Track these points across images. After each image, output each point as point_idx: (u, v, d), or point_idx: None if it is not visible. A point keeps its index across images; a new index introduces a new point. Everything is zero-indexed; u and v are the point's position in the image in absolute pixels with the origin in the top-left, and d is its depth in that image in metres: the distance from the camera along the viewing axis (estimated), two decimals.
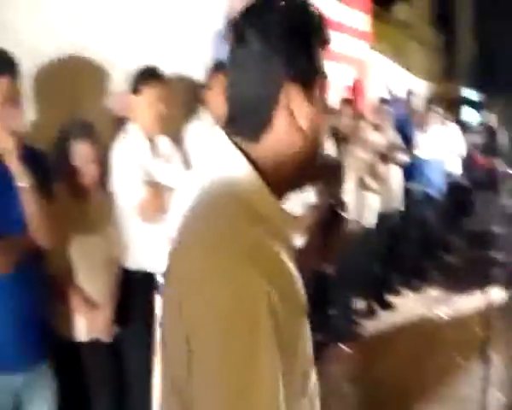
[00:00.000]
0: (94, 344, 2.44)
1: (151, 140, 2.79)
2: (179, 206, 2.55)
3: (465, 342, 4.27)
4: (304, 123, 0.98)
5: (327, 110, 1.06)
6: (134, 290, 2.67)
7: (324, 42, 1.01)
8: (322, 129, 1.04)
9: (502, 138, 7.25)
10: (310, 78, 0.98)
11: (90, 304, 2.42)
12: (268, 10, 0.97)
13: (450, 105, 8.86)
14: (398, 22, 11.82)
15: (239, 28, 0.98)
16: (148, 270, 2.70)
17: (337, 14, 5.71)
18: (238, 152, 0.97)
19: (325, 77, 1.02)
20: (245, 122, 0.99)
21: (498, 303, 3.81)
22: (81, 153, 2.41)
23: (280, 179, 0.99)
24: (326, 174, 1.27)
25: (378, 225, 5.04)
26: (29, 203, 2.00)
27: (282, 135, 0.97)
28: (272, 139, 0.98)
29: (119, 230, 2.63)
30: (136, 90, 2.75)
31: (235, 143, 0.99)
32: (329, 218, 1.28)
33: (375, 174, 4.90)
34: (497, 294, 3.69)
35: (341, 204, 1.28)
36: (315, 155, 1.03)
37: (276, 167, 0.98)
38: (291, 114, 0.97)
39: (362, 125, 4.91)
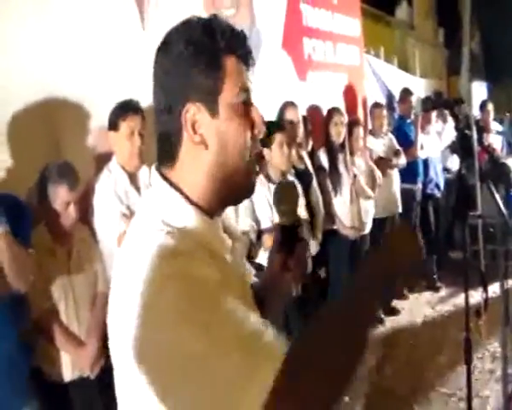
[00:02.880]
0: (81, 382, 2.50)
1: (131, 173, 2.85)
2: None
3: None
4: (214, 141, 0.99)
5: (257, 125, 1.05)
6: None
7: (241, 57, 1.02)
8: (244, 144, 1.03)
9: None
10: (213, 92, 0.99)
11: (74, 341, 2.48)
12: (172, 33, 1.01)
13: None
14: (401, 23, 11.84)
15: (154, 60, 1.03)
16: None
17: (327, 23, 5.75)
18: (165, 183, 1.00)
19: (246, 92, 1.02)
20: (159, 147, 1.03)
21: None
22: (59, 195, 2.45)
23: (204, 198, 1.01)
24: (279, 194, 1.27)
25: (377, 230, 5.05)
26: (1, 250, 2.07)
27: (193, 156, 1.00)
28: (185, 162, 1.00)
29: (102, 264, 2.69)
30: (113, 125, 2.81)
31: (163, 175, 1.02)
32: (288, 239, 1.23)
33: (372, 181, 4.90)
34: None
35: (298, 224, 1.25)
36: (242, 170, 1.03)
37: (193, 190, 1.00)
38: (197, 133, 0.99)
39: (356, 132, 4.91)
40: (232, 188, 1.04)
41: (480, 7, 13.97)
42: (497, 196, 2.46)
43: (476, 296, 3.38)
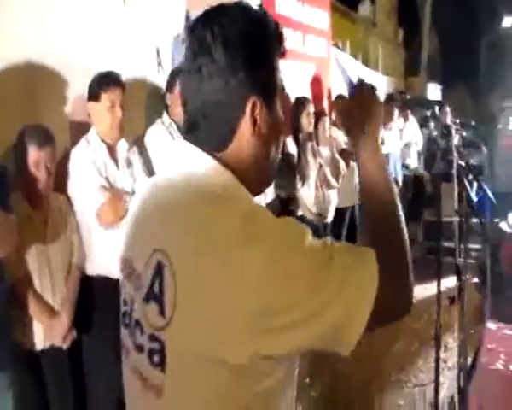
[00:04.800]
0: (53, 351, 2.47)
1: (110, 145, 2.82)
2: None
3: (422, 329, 4.43)
4: (266, 132, 1.03)
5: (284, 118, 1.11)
6: (94, 296, 2.71)
7: (283, 53, 1.06)
8: (283, 136, 1.10)
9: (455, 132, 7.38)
10: (271, 89, 1.04)
11: (48, 311, 2.45)
12: (231, 21, 0.99)
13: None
14: (364, 19, 12.03)
15: (202, 37, 0.99)
16: (109, 275, 2.74)
17: (297, 13, 5.80)
18: (213, 160, 1.00)
19: (283, 87, 1.08)
20: (210, 131, 1.01)
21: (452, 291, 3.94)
22: (34, 158, 2.41)
23: (245, 185, 1.02)
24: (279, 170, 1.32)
25: (338, 219, 5.16)
26: None
27: (246, 144, 1.02)
28: (236, 148, 1.01)
29: (78, 235, 2.66)
30: (94, 96, 2.77)
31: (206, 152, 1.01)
32: (280, 211, 1.28)
33: (336, 171, 5.00)
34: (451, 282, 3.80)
35: (292, 199, 1.30)
36: (276, 161, 1.09)
37: (241, 174, 1.01)
38: (255, 124, 1.01)
39: (323, 123, 4.99)
40: (264, 181, 1.11)
41: (439, 13, 14.40)
42: (471, 193, 2.56)
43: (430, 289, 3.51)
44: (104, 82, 2.77)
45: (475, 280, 4.88)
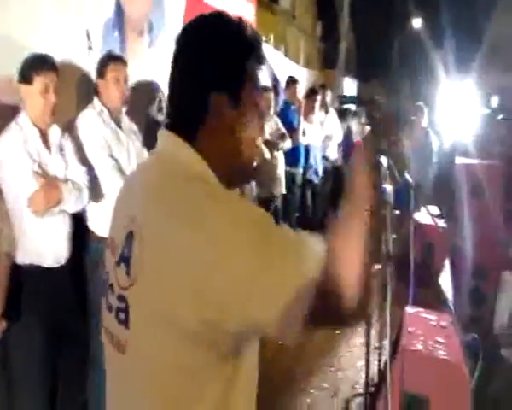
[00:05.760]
0: None
1: (42, 130, 2.74)
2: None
3: None
4: (234, 128, 1.11)
5: (264, 117, 1.19)
6: (25, 285, 2.64)
7: (260, 58, 1.16)
8: (259, 133, 1.17)
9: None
10: (238, 88, 1.11)
11: None
12: (206, 28, 1.13)
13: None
14: (284, 12, 12.19)
15: (182, 39, 1.14)
16: (40, 263, 2.68)
17: (223, 4, 5.80)
18: (186, 144, 1.10)
19: (263, 89, 1.18)
20: (181, 122, 1.13)
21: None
22: None
23: (216, 175, 1.10)
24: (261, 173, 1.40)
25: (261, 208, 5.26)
26: None
27: (213, 137, 1.11)
28: (204, 140, 1.11)
29: (8, 223, 2.57)
30: (26, 78, 2.67)
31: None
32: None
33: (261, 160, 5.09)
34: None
35: (272, 200, 1.38)
36: (251, 158, 1.16)
37: (211, 163, 1.10)
38: (219, 119, 1.10)
39: None
40: (237, 176, 1.17)
41: (356, 8, 14.85)
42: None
43: None
44: (37, 64, 2.67)
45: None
